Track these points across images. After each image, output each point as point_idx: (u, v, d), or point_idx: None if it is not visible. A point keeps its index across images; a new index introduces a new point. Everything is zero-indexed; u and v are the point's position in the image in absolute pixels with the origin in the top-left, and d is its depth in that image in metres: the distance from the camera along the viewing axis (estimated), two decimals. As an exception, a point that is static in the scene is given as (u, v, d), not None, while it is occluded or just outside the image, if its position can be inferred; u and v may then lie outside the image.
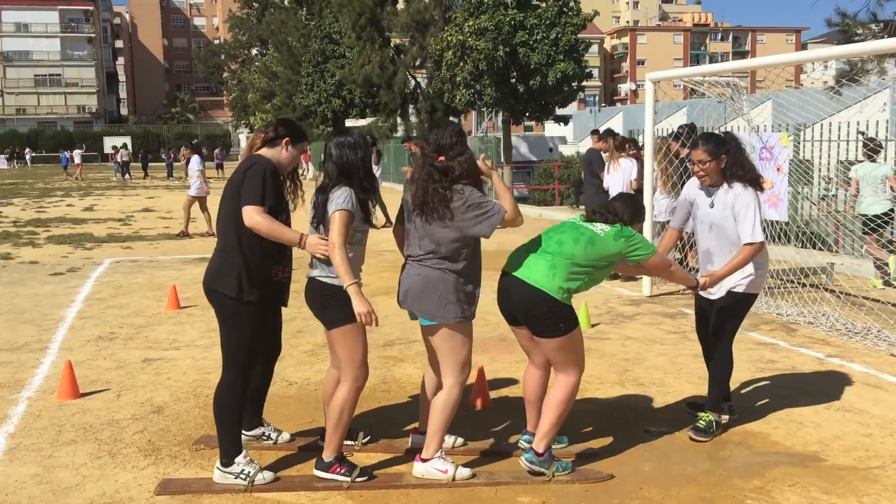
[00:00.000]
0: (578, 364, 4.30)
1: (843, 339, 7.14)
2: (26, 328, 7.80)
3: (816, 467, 4.43)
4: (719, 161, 4.78)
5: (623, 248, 4.25)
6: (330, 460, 4.22)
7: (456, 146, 4.14)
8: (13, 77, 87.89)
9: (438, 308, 4.09)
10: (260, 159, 4.22)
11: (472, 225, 4.06)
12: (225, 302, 4.13)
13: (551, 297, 4.12)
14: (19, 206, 23.53)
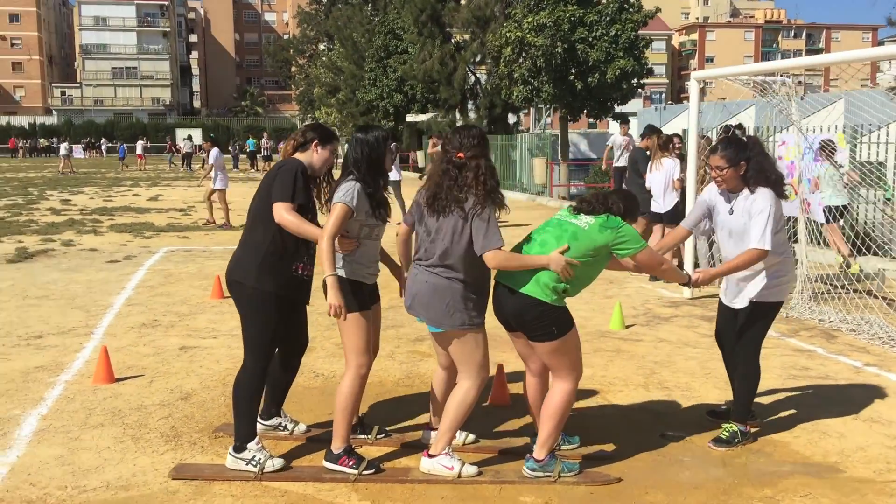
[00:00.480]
0: (574, 368, 4.26)
1: (885, 347, 6.94)
2: (75, 313, 8.10)
3: (832, 479, 4.33)
4: (738, 168, 4.68)
5: (610, 239, 4.12)
6: (339, 452, 4.30)
7: (476, 147, 4.16)
8: (91, 69, 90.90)
9: (445, 316, 4.12)
10: (292, 160, 4.40)
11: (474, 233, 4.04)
12: (242, 291, 4.29)
13: (540, 301, 4.07)
14: (89, 194, 24.35)
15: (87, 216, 17.72)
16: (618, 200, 4.26)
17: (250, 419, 4.34)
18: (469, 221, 4.06)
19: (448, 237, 4.10)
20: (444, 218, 4.13)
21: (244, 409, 4.32)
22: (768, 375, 6.10)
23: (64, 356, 6.55)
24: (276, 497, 4.05)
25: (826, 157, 9.95)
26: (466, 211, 4.08)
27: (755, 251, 4.58)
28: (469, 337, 4.16)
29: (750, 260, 4.61)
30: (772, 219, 4.58)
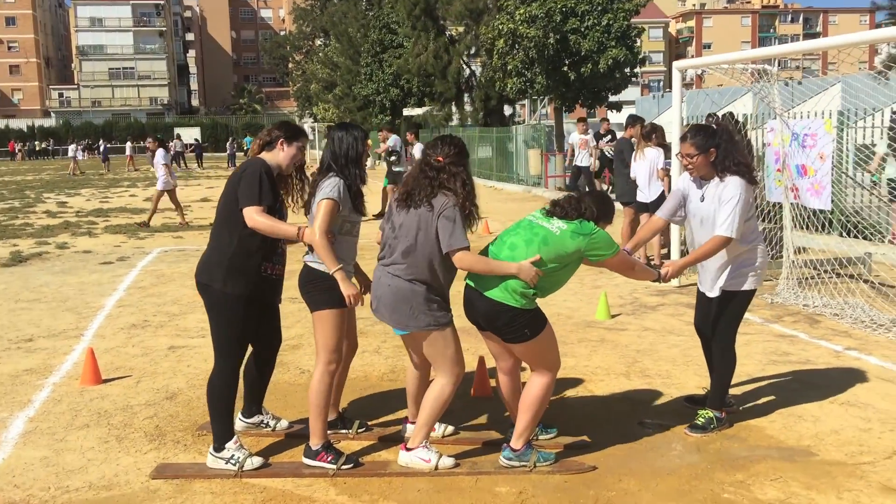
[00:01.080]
0: (551, 364, 4.31)
1: (867, 331, 6.99)
2: (66, 316, 8.17)
3: (804, 462, 4.39)
4: (707, 155, 4.70)
5: (582, 245, 4.12)
6: (317, 448, 4.36)
7: (455, 156, 4.24)
8: (88, 70, 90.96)
9: (411, 318, 4.17)
10: (255, 161, 4.41)
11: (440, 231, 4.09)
12: (210, 293, 4.33)
13: (510, 307, 4.09)
14: (85, 196, 24.42)
15: (82, 218, 17.78)
16: (591, 205, 4.23)
17: (226, 419, 4.40)
18: (436, 220, 4.11)
19: (412, 233, 4.15)
20: (412, 212, 4.18)
21: (219, 409, 4.37)
22: (749, 361, 6.17)
23: (53, 359, 6.63)
24: (256, 493, 4.12)
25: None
26: (435, 208, 4.13)
27: (720, 238, 4.61)
28: (437, 336, 4.20)
29: (715, 247, 4.64)
30: (741, 206, 4.60)
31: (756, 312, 7.80)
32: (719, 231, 4.61)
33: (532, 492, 4.09)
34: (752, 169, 4.83)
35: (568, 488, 4.12)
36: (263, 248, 4.33)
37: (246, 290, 4.30)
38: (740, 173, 4.71)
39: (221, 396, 4.37)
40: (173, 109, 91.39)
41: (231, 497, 4.07)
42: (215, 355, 4.40)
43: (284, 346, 6.82)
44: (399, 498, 4.04)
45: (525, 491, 4.09)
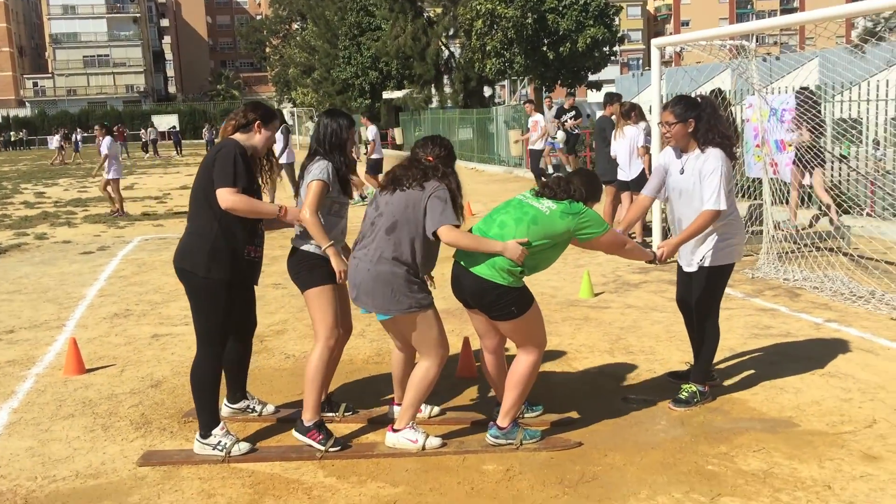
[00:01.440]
0: (538, 342, 4.32)
1: (847, 303, 7.07)
2: (47, 307, 8.11)
3: (786, 433, 4.45)
4: (686, 124, 4.70)
5: (572, 225, 4.14)
6: (309, 425, 4.39)
7: (444, 157, 4.32)
8: (63, 59, 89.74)
9: (392, 302, 4.16)
10: (229, 142, 4.35)
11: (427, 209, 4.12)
12: (193, 280, 4.28)
13: (497, 284, 4.10)
14: (63, 186, 24.18)
15: (61, 208, 17.62)
16: (580, 186, 4.25)
17: (212, 406, 4.38)
18: (426, 200, 4.13)
19: (399, 210, 4.16)
20: (399, 193, 4.21)
21: (204, 397, 4.35)
22: (731, 335, 6.23)
23: (35, 350, 6.59)
24: (244, 478, 4.13)
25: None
26: (427, 189, 4.16)
27: (710, 212, 4.62)
28: (420, 318, 4.20)
29: (706, 222, 4.65)
30: (724, 178, 4.62)
31: (737, 287, 7.86)
32: (707, 206, 4.62)
33: (519, 469, 4.12)
34: (733, 143, 4.83)
35: (554, 464, 4.16)
36: (244, 230, 4.30)
37: (229, 274, 4.27)
38: (722, 146, 4.71)
39: (206, 384, 4.36)
40: (150, 97, 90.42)
41: (219, 482, 4.08)
42: (198, 342, 4.38)
43: (269, 332, 6.84)
44: (387, 479, 4.06)
45: (512, 468, 4.13)
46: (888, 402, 4.84)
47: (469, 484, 3.96)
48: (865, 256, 8.40)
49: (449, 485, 3.96)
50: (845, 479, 3.87)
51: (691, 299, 5.04)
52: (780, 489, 3.79)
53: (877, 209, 11.28)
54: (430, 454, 4.29)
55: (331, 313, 4.38)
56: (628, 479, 3.97)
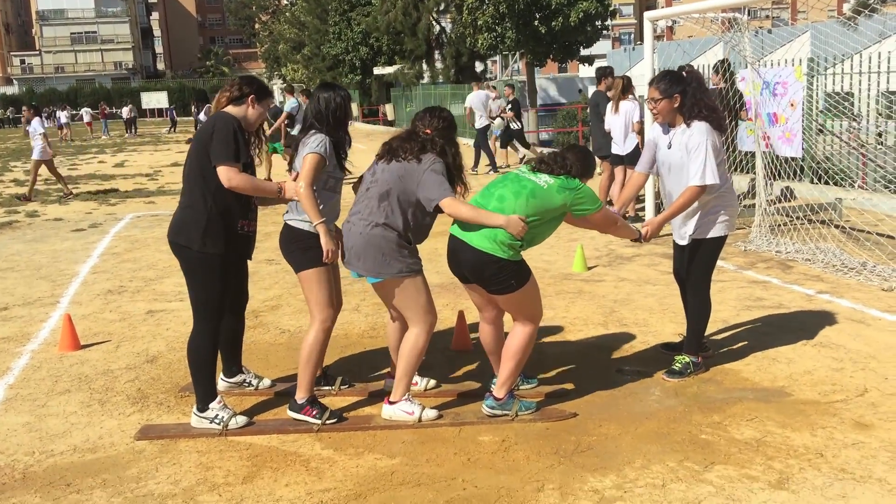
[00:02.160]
0: (534, 315, 4.34)
1: (838, 275, 7.12)
2: (41, 284, 8.10)
3: (779, 402, 4.49)
4: (672, 100, 4.69)
5: (568, 199, 4.18)
6: (302, 402, 4.40)
7: (443, 129, 4.31)
8: (50, 36, 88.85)
9: (383, 265, 4.18)
10: (225, 116, 4.30)
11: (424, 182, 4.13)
12: (188, 254, 4.27)
13: (497, 258, 4.12)
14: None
15: (51, 186, 17.51)
16: (575, 162, 4.28)
17: (209, 381, 4.39)
18: (422, 174, 4.13)
19: (393, 178, 4.18)
20: (395, 163, 4.22)
21: (201, 371, 4.36)
22: (723, 307, 6.27)
23: (30, 326, 6.58)
24: (241, 450, 4.15)
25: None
26: (423, 162, 4.16)
27: (695, 188, 4.63)
28: (408, 283, 4.22)
29: (692, 197, 4.66)
30: (710, 152, 4.61)
31: (730, 260, 7.90)
32: (693, 181, 4.62)
33: (514, 439, 4.15)
34: (720, 115, 4.81)
35: (550, 435, 4.20)
36: (238, 204, 4.28)
37: (224, 248, 4.26)
38: (707, 119, 4.70)
39: (203, 358, 4.36)
40: (139, 73, 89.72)
41: (217, 455, 4.10)
42: (195, 317, 4.38)
43: (264, 307, 6.85)
44: (384, 450, 4.09)
45: (508, 439, 4.16)
46: (879, 371, 4.89)
47: (465, 455, 4.00)
48: (857, 228, 8.45)
49: (445, 455, 4.00)
50: (837, 447, 3.92)
51: (682, 271, 5.07)
52: (773, 457, 3.84)
53: (868, 181, 11.32)
54: (427, 426, 4.32)
55: (326, 294, 4.37)
56: (623, 448, 4.01)
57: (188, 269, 4.31)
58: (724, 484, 3.60)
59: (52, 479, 3.90)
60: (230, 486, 3.77)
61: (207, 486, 3.78)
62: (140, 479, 3.88)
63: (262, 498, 3.65)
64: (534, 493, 3.59)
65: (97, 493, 3.75)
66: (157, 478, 3.88)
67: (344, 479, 3.80)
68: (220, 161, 4.16)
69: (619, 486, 3.63)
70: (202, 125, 4.38)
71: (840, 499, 3.43)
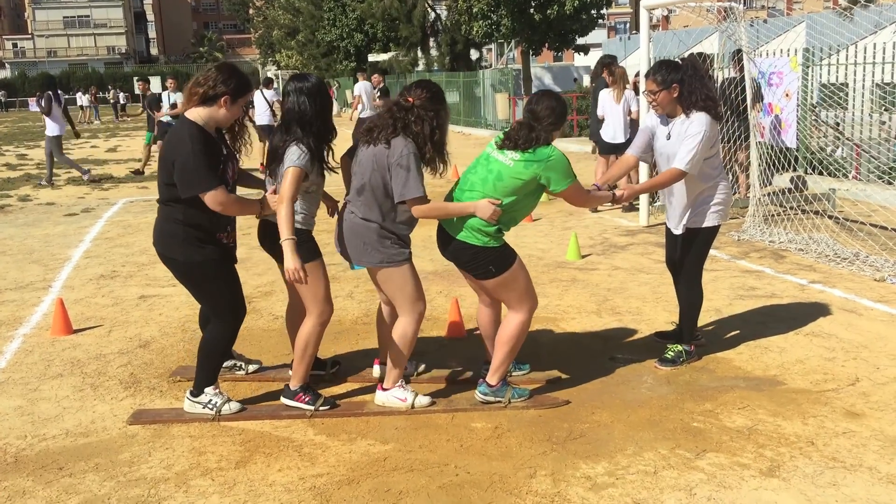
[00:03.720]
0: (524, 300, 4.32)
1: (831, 265, 7.14)
2: (33, 268, 8.07)
3: (771, 391, 4.51)
4: (671, 90, 4.65)
5: (538, 172, 4.08)
6: (296, 389, 4.40)
7: (428, 100, 4.15)
8: (42, 19, 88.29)
9: (364, 254, 4.20)
10: (182, 135, 3.97)
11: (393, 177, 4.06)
12: (176, 265, 4.18)
13: (471, 245, 4.13)
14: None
15: (43, 170, 17.42)
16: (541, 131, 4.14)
17: (212, 373, 4.37)
18: (392, 167, 4.05)
19: (367, 173, 4.12)
20: (369, 149, 4.13)
21: (210, 362, 4.33)
22: (716, 297, 6.29)
23: (22, 310, 6.56)
24: (234, 436, 4.15)
25: None
26: (391, 151, 4.06)
27: (676, 170, 4.60)
28: (392, 273, 4.20)
29: (671, 178, 4.65)
30: (703, 143, 4.58)
31: (723, 249, 7.91)
32: (677, 164, 4.59)
33: (507, 426, 4.16)
34: (717, 104, 4.79)
35: (542, 422, 4.20)
36: (209, 220, 4.10)
37: (207, 254, 4.13)
38: (706, 109, 4.67)
39: (215, 352, 4.32)
40: (132, 58, 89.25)
41: (210, 440, 4.10)
42: (215, 320, 4.29)
43: (256, 293, 6.84)
44: (377, 436, 4.09)
45: (500, 426, 4.17)
46: (870, 360, 4.91)
47: (458, 441, 4.00)
48: (850, 219, 8.47)
49: (438, 442, 4.00)
50: (828, 436, 3.94)
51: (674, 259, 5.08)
52: (765, 445, 3.85)
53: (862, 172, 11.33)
54: (419, 412, 4.33)
55: (322, 288, 4.32)
56: (615, 435, 4.02)
57: (184, 280, 4.25)
58: (715, 471, 3.62)
59: (44, 463, 3.89)
60: (223, 470, 3.77)
61: (200, 470, 3.78)
62: (133, 463, 3.88)
63: (255, 483, 3.65)
64: (526, 479, 3.60)
65: (90, 476, 3.75)
66: (150, 462, 3.88)
67: (337, 464, 3.80)
68: (202, 191, 3.91)
69: (612, 472, 3.64)
70: (168, 137, 4.09)
71: (831, 486, 3.45)
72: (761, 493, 3.43)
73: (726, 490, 3.45)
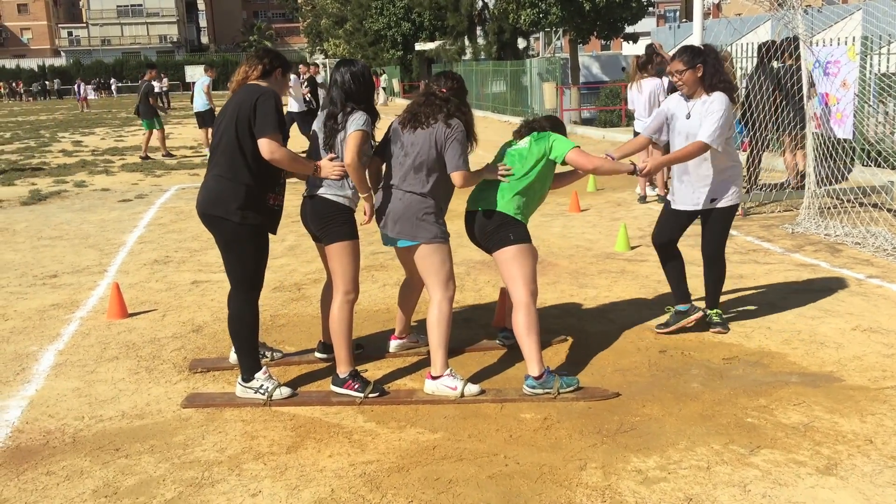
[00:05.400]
0: (527, 282, 4.45)
1: (889, 259, 6.96)
2: (89, 252, 8.24)
3: (827, 387, 4.42)
4: (695, 70, 4.97)
5: (545, 146, 4.59)
6: (344, 376, 4.44)
7: (456, 90, 4.49)
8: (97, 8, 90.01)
9: (420, 229, 4.36)
10: (265, 88, 4.30)
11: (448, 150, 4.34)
12: (226, 226, 4.25)
13: (504, 214, 4.48)
14: (100, 135, 24.40)
15: (98, 157, 17.80)
16: (544, 122, 4.82)
17: (254, 351, 4.44)
18: (449, 141, 4.33)
19: (425, 149, 4.35)
20: (421, 131, 4.38)
21: (245, 342, 4.40)
22: (770, 290, 6.18)
23: (79, 294, 6.71)
24: (285, 421, 4.20)
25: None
26: (451, 128, 4.34)
27: (701, 143, 4.91)
28: (438, 249, 4.39)
29: (695, 151, 4.94)
30: (726, 120, 4.92)
31: (777, 242, 7.77)
32: (702, 137, 4.90)
33: (557, 417, 4.14)
34: (735, 88, 5.21)
35: (592, 414, 4.18)
36: (270, 177, 4.29)
37: (260, 219, 4.28)
38: (725, 90, 5.00)
39: (245, 329, 4.39)
40: (183, 47, 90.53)
41: (261, 424, 4.15)
42: (234, 289, 4.38)
43: (307, 280, 6.91)
44: (426, 424, 4.10)
45: (550, 417, 4.15)
46: (931, 358, 4.78)
47: (507, 431, 4.00)
48: (909, 213, 8.25)
49: (487, 432, 4.00)
50: (887, 434, 3.84)
51: (678, 237, 5.38)
52: (821, 442, 3.78)
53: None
54: (469, 401, 4.33)
55: (355, 267, 4.46)
56: (667, 429, 3.97)
57: (226, 241, 4.31)
58: (770, 468, 3.55)
59: (101, 444, 3.98)
60: (275, 455, 3.82)
61: (252, 454, 3.83)
62: (187, 445, 3.94)
63: (306, 468, 3.69)
64: (576, 471, 3.58)
65: (145, 458, 3.82)
66: (204, 445, 3.94)
67: (387, 451, 3.82)
68: (264, 133, 4.16)
69: (663, 467, 3.60)
70: (239, 97, 4.29)
71: (890, 486, 3.37)
72: (818, 490, 3.36)
73: (782, 487, 3.40)
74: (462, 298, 6.30)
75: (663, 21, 67.75)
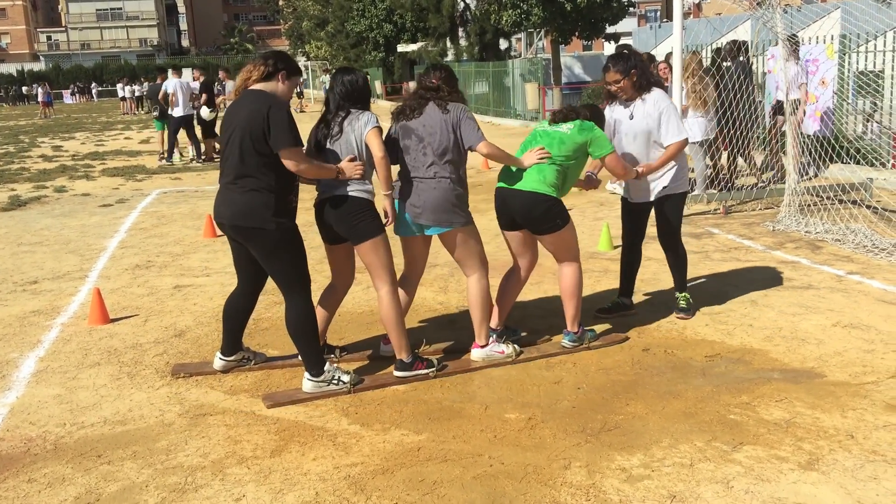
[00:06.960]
0: (576, 254, 4.95)
1: (869, 256, 7.02)
2: (70, 258, 8.18)
3: (809, 383, 4.45)
4: (630, 77, 5.21)
5: (587, 138, 4.83)
6: (409, 360, 4.64)
7: (445, 78, 4.70)
8: (76, 12, 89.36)
9: (455, 216, 4.60)
10: (272, 98, 4.28)
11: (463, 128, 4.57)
12: (266, 236, 4.28)
13: (548, 196, 4.71)
14: (80, 139, 24.22)
15: (78, 162, 17.67)
16: (584, 111, 4.99)
17: (317, 348, 4.50)
18: (459, 122, 4.56)
19: (445, 135, 4.54)
20: (428, 120, 4.54)
21: (308, 342, 4.43)
22: (751, 287, 6.22)
23: (59, 300, 6.65)
24: (269, 425, 4.18)
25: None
26: (457, 111, 4.58)
27: (680, 142, 5.23)
28: (472, 231, 4.71)
29: (677, 150, 5.26)
30: (676, 111, 5.27)
31: (758, 240, 7.82)
32: (676, 138, 5.21)
33: (541, 417, 4.15)
34: (662, 84, 5.51)
35: (576, 413, 4.19)
36: (286, 184, 4.36)
37: (291, 221, 4.39)
38: (657, 84, 5.33)
39: (307, 329, 4.43)
40: (164, 51, 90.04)
41: (245, 429, 4.13)
42: (289, 294, 4.40)
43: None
44: (411, 426, 4.09)
45: (534, 417, 4.16)
46: (911, 353, 4.82)
47: (492, 432, 4.00)
48: (888, 209, 8.32)
49: (472, 433, 4.00)
50: (868, 429, 3.88)
51: (643, 230, 5.70)
52: (803, 438, 3.81)
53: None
54: (452, 403, 4.34)
55: (389, 257, 4.59)
56: (650, 427, 3.99)
57: (269, 250, 4.32)
58: (753, 464, 3.58)
59: (83, 451, 3.95)
60: (258, 459, 3.80)
61: (236, 458, 3.81)
62: (170, 451, 3.92)
63: (290, 471, 3.67)
64: (561, 470, 3.59)
65: (128, 464, 3.80)
66: (187, 450, 3.92)
67: (371, 453, 3.82)
68: (284, 146, 4.19)
69: (647, 464, 3.62)
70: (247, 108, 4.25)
71: (871, 480, 3.40)
72: (800, 486, 3.38)
73: (764, 483, 3.42)
74: (447, 300, 6.31)
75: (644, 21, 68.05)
